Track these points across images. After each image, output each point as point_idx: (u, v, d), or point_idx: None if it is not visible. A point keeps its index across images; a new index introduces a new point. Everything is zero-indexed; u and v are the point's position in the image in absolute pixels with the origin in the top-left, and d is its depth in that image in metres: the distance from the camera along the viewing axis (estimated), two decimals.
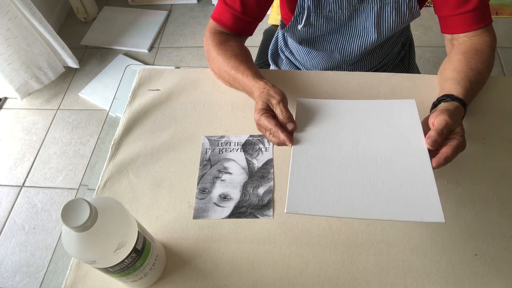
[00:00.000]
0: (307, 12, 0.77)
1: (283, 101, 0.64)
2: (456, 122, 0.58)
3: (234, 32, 0.80)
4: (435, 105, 0.66)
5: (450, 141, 0.57)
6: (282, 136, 0.60)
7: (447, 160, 0.55)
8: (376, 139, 0.60)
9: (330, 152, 0.60)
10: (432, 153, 0.57)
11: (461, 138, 0.57)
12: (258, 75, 0.71)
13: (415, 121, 0.62)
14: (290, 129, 0.61)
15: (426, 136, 0.57)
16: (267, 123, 0.61)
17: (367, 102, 0.67)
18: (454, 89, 0.65)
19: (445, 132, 0.57)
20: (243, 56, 0.76)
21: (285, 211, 0.53)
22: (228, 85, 0.80)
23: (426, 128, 0.61)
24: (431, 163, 0.56)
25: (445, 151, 0.56)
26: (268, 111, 0.63)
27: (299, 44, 0.91)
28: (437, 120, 0.58)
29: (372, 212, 0.52)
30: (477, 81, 0.68)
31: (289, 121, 0.62)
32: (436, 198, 0.52)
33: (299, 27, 0.80)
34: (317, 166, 0.58)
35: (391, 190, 0.54)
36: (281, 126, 0.61)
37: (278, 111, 0.63)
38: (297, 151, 0.60)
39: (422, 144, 0.58)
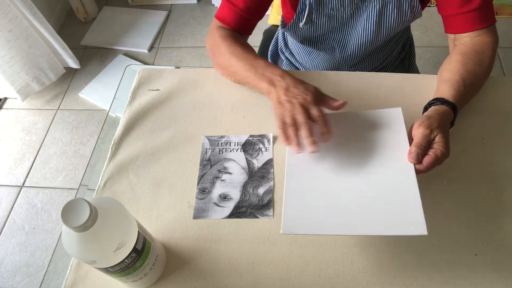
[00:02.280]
0: (308, 9, 0.77)
1: None
2: (436, 129, 0.59)
3: (235, 29, 0.80)
4: (426, 108, 0.67)
5: (431, 150, 0.59)
6: (325, 129, 0.61)
7: (428, 168, 0.58)
8: (365, 154, 0.62)
9: (321, 170, 0.61)
10: None
11: (442, 149, 0.58)
12: None
13: (401, 130, 0.63)
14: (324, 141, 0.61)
15: (408, 152, 0.59)
16: (319, 110, 0.62)
17: (355, 113, 0.68)
18: (447, 91, 0.66)
19: (425, 145, 0.58)
20: (253, 51, 0.77)
21: (281, 232, 0.54)
22: (233, 78, 0.79)
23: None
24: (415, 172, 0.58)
25: (425, 160, 0.58)
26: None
27: (300, 43, 0.91)
28: (416, 134, 0.60)
29: (362, 229, 0.54)
30: (472, 83, 0.68)
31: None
32: (420, 212, 0.53)
33: (301, 24, 0.80)
34: (310, 185, 0.60)
35: (379, 206, 0.56)
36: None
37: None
38: (290, 170, 0.62)
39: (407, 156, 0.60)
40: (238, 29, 0.80)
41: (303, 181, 0.60)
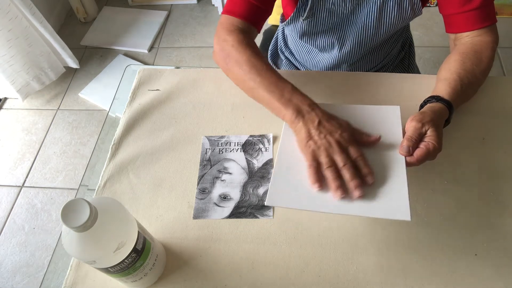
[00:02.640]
0: (310, 3, 0.77)
1: None
2: (427, 123, 0.60)
3: (248, 21, 0.75)
4: (422, 106, 0.67)
5: (422, 143, 0.59)
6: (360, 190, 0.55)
7: (419, 161, 0.58)
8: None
9: None
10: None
11: (434, 143, 0.58)
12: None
13: (397, 127, 0.64)
14: (370, 181, 0.57)
15: (400, 145, 0.60)
16: (357, 149, 0.59)
17: (354, 107, 0.69)
18: (444, 90, 0.66)
19: (416, 138, 0.59)
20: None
21: (265, 203, 0.56)
22: (248, 93, 0.72)
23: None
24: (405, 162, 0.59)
25: (417, 153, 0.58)
26: None
27: (300, 39, 0.91)
28: (408, 128, 0.60)
29: (347, 209, 0.55)
30: (470, 83, 0.68)
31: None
32: (405, 198, 0.55)
33: (301, 18, 0.80)
34: (300, 163, 0.60)
35: (367, 189, 0.56)
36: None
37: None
38: (283, 149, 0.63)
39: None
40: (250, 21, 0.76)
41: (295, 159, 0.61)
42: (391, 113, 0.66)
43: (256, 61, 0.69)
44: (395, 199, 0.55)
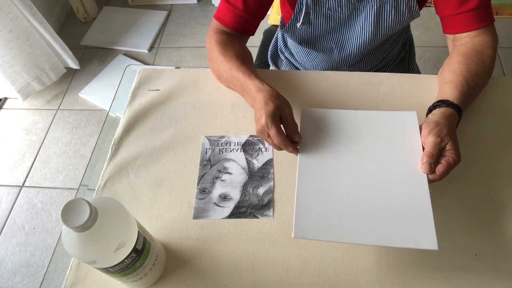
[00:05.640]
0: (305, 9, 0.77)
1: (292, 112, 0.65)
2: (446, 136, 0.59)
3: (235, 31, 0.80)
4: (430, 110, 0.66)
5: (443, 158, 0.58)
6: (291, 149, 0.62)
7: (442, 177, 0.58)
8: (378, 158, 0.61)
9: (333, 175, 0.60)
10: None
11: (454, 156, 0.58)
12: (260, 78, 0.71)
13: (415, 135, 0.63)
14: (297, 140, 0.63)
15: (421, 162, 0.59)
16: (279, 135, 0.61)
17: (369, 113, 0.67)
18: (451, 93, 0.66)
19: (436, 153, 0.58)
20: (244, 58, 0.76)
21: (293, 236, 0.54)
22: (225, 85, 0.80)
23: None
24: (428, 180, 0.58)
25: (439, 169, 0.58)
26: (279, 119, 0.63)
27: (299, 44, 0.91)
28: (426, 143, 0.60)
29: (372, 238, 0.54)
30: (475, 85, 0.68)
31: (296, 132, 0.63)
32: (431, 226, 0.54)
33: (298, 25, 0.80)
34: (322, 190, 0.59)
35: (391, 216, 0.55)
36: (287, 136, 0.63)
37: (290, 121, 0.64)
38: (302, 173, 0.61)
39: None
40: (238, 31, 0.80)
41: (315, 184, 0.59)
42: (408, 119, 0.65)
43: (224, 58, 0.75)
44: (421, 226, 0.54)
